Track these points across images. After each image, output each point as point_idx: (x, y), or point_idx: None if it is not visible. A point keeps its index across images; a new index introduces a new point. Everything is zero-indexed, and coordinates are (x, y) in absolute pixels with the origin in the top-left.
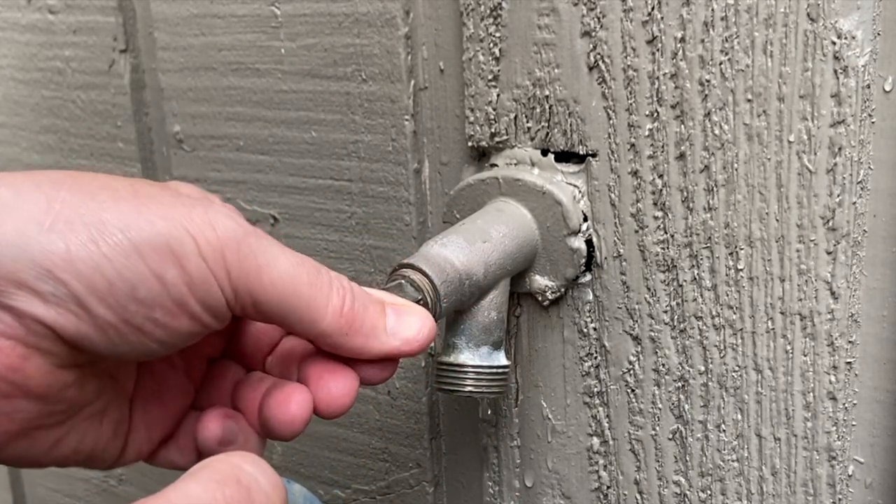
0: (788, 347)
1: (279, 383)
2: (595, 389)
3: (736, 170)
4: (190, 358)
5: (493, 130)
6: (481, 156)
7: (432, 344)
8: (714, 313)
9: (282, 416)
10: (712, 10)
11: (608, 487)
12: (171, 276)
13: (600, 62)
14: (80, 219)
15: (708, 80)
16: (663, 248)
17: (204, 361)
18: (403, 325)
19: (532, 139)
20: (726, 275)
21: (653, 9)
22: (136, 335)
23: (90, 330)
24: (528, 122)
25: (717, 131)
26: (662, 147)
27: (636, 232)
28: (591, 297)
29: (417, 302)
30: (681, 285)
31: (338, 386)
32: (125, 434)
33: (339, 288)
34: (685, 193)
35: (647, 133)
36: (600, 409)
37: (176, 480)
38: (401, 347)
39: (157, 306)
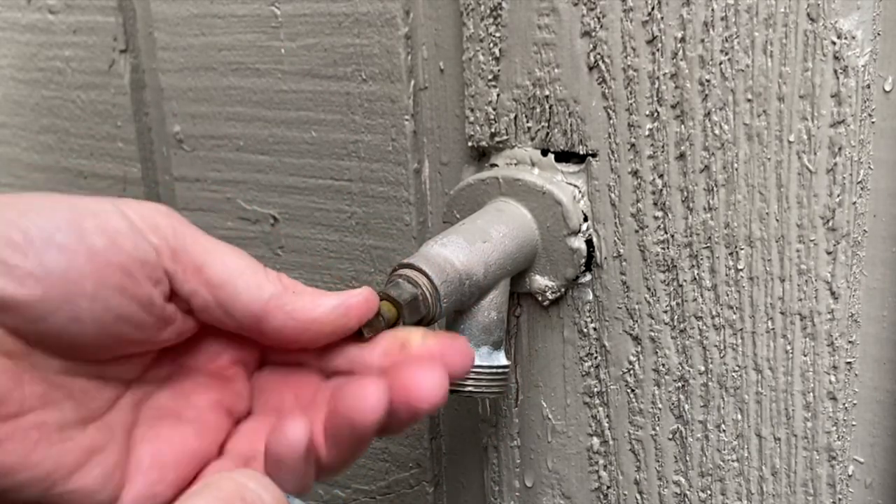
0: (788, 347)
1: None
2: (595, 389)
3: (736, 170)
4: (199, 409)
5: (493, 130)
6: (481, 156)
7: None
8: (714, 313)
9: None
10: (712, 10)
11: (608, 487)
12: (90, 225)
13: (600, 62)
14: None
15: (708, 80)
16: (663, 248)
17: (221, 414)
18: (348, 292)
19: (532, 139)
20: (726, 275)
21: (653, 9)
22: (60, 287)
23: (11, 285)
24: (528, 122)
25: (717, 131)
26: (662, 147)
27: (636, 232)
28: (591, 297)
29: (415, 298)
30: (681, 285)
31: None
32: (110, 467)
33: (273, 272)
34: (685, 193)
35: (647, 133)
36: (600, 409)
37: (178, 499)
38: (345, 300)
39: (80, 252)
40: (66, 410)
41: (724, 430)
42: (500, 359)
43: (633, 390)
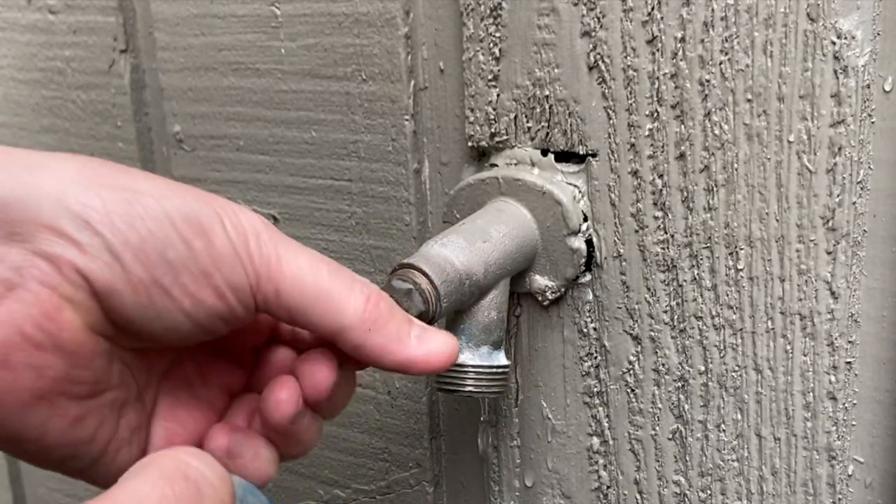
0: (788, 347)
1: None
2: (595, 389)
3: (736, 170)
4: (212, 388)
5: (493, 130)
6: (481, 156)
7: None
8: (714, 313)
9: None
10: (712, 10)
11: (608, 487)
12: (199, 245)
13: (600, 62)
14: (115, 183)
15: (708, 80)
16: (663, 248)
17: (225, 393)
18: (429, 337)
19: (532, 139)
20: (726, 275)
21: (653, 9)
22: (164, 298)
23: (122, 284)
24: (528, 122)
25: (717, 131)
26: (662, 147)
27: (636, 232)
28: (591, 296)
29: (414, 295)
30: (681, 285)
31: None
32: (141, 445)
33: (364, 286)
34: (685, 193)
35: (647, 133)
36: (600, 408)
37: (121, 478)
38: (424, 357)
39: (185, 271)
40: (130, 388)
41: (723, 430)
42: (500, 359)
43: (633, 390)
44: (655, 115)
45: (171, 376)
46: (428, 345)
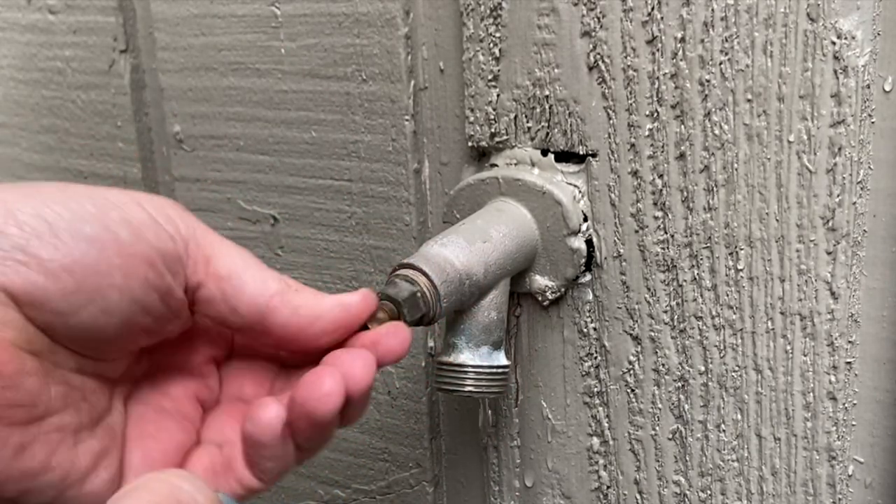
0: (788, 347)
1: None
2: (595, 389)
3: (736, 170)
4: (182, 403)
5: (493, 130)
6: (481, 156)
7: (431, 343)
8: (714, 313)
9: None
10: (712, 10)
11: (608, 487)
12: (115, 216)
13: (600, 62)
14: (15, 187)
15: (708, 80)
16: (663, 248)
17: (197, 407)
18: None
19: (532, 139)
20: (726, 275)
21: (653, 9)
22: (92, 276)
23: (41, 279)
24: (528, 122)
25: (717, 131)
26: (662, 147)
27: (636, 232)
28: (591, 297)
29: (414, 295)
30: (681, 285)
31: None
32: (114, 470)
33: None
34: (685, 193)
35: (647, 133)
36: (600, 409)
37: (109, 501)
38: (347, 297)
39: (109, 243)
40: (82, 412)
41: (723, 430)
42: (500, 359)
43: (633, 390)
44: (655, 115)
45: (136, 397)
46: (345, 294)
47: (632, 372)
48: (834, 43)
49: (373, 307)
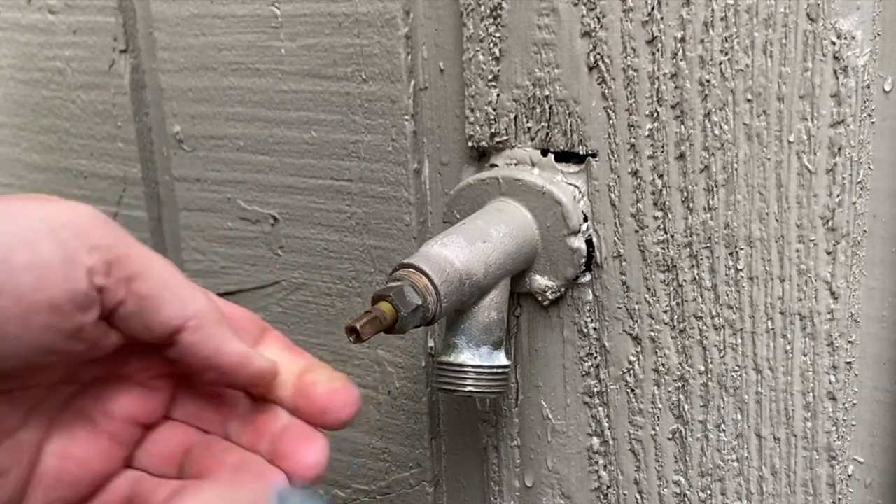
0: (788, 347)
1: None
2: (595, 389)
3: (736, 170)
4: (116, 421)
5: (493, 130)
6: (481, 156)
7: (431, 343)
8: (714, 313)
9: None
10: (712, 10)
11: (608, 487)
12: (19, 261)
13: (600, 62)
14: None
15: (708, 80)
16: (663, 248)
17: (135, 426)
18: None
19: (532, 139)
20: (726, 275)
21: (653, 9)
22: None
23: None
24: (528, 122)
25: (717, 131)
26: (662, 147)
27: (636, 232)
28: (591, 297)
29: (413, 295)
30: (681, 285)
31: (312, 452)
32: (16, 489)
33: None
34: (685, 193)
35: (647, 133)
36: (600, 409)
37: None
38: (258, 363)
39: (7, 291)
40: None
41: (723, 430)
42: (500, 359)
43: (633, 390)
44: (655, 115)
45: (72, 408)
46: (254, 356)
47: (632, 372)
48: (834, 43)
49: (271, 380)
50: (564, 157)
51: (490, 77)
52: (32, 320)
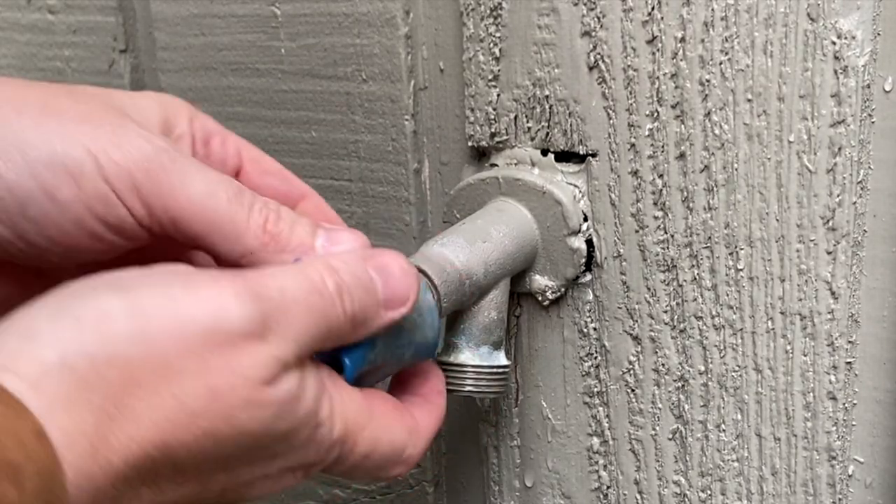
0: (788, 347)
1: None
2: (595, 389)
3: (736, 170)
4: None
5: (493, 130)
6: (481, 156)
7: None
8: (714, 313)
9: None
10: (712, 10)
11: (608, 487)
12: (64, 195)
13: (600, 62)
14: (18, 96)
15: (708, 80)
16: (663, 248)
17: None
18: (336, 237)
19: (532, 139)
20: (726, 275)
21: (653, 9)
22: (32, 249)
23: None
24: (528, 121)
25: (717, 131)
26: (662, 147)
27: (636, 232)
28: (591, 296)
29: None
30: (681, 285)
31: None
32: None
33: (263, 207)
34: (685, 193)
35: (647, 133)
36: (600, 409)
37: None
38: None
39: (50, 224)
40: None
41: (724, 430)
42: (500, 359)
43: (633, 390)
44: (655, 115)
45: None
46: (335, 247)
47: (632, 372)
48: (834, 43)
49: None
50: (564, 156)
51: (490, 77)
52: (74, 246)
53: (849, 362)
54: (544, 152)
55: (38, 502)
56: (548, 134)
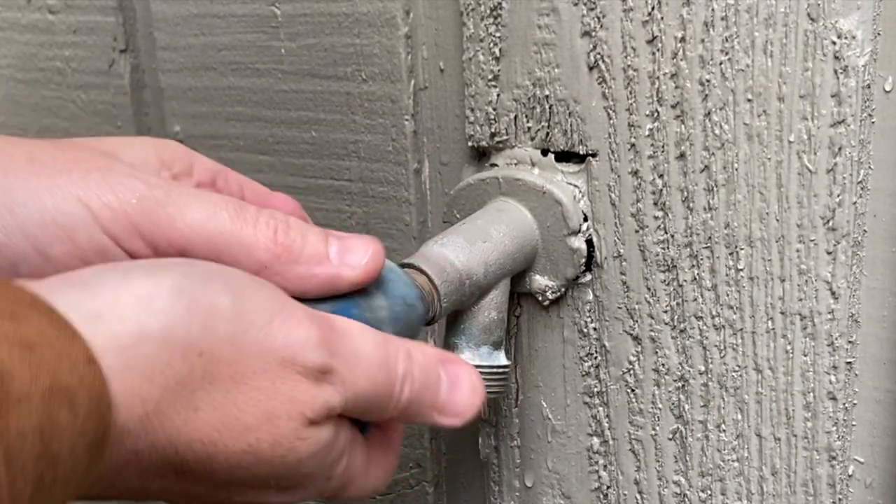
0: (788, 347)
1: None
2: (595, 389)
3: (736, 170)
4: None
5: (493, 130)
6: (481, 156)
7: (431, 343)
8: (714, 313)
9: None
10: (712, 10)
11: (608, 487)
12: (57, 252)
13: (600, 62)
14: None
15: (708, 80)
16: (663, 248)
17: None
18: (349, 246)
19: (532, 139)
20: (726, 275)
21: (653, 9)
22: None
23: None
24: (528, 121)
25: (717, 131)
26: (662, 147)
27: (636, 232)
28: (591, 296)
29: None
30: (681, 285)
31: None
32: None
33: (270, 219)
34: (685, 193)
35: (647, 133)
36: (600, 409)
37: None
38: (345, 272)
39: (44, 277)
40: None
41: (724, 430)
42: (500, 359)
43: (633, 390)
44: (655, 114)
45: None
46: (349, 255)
47: (632, 372)
48: (834, 43)
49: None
50: (564, 156)
51: (490, 77)
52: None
53: (849, 362)
54: (544, 152)
55: (90, 425)
56: (548, 134)
